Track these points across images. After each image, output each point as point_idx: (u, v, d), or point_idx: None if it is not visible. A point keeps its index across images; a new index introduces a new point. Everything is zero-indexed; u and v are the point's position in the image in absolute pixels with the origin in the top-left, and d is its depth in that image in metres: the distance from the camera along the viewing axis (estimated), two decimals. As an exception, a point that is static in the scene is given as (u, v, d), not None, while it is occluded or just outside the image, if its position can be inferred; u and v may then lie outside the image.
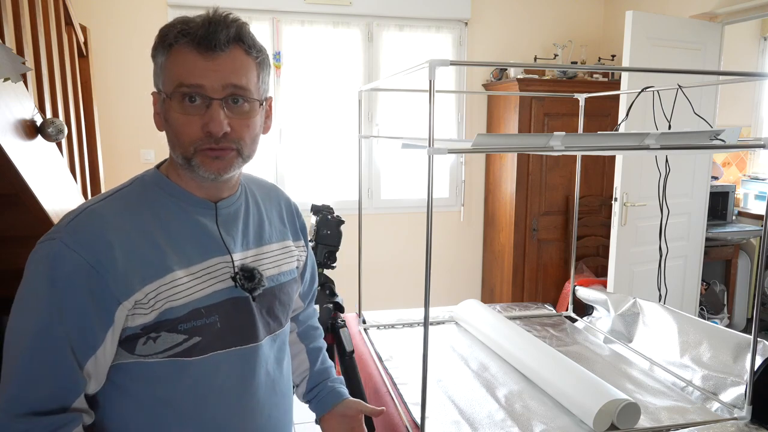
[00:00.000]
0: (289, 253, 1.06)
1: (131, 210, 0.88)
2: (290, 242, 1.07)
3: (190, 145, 0.86)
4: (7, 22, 1.42)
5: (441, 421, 1.31)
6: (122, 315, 0.82)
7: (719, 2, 3.05)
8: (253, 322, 0.95)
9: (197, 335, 0.87)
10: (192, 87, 0.84)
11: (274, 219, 1.06)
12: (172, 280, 0.86)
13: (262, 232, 1.01)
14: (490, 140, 1.10)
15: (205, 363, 0.89)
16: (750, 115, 4.27)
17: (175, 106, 0.85)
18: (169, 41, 0.85)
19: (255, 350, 0.96)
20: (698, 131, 1.23)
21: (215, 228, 0.93)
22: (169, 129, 0.87)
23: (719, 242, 3.69)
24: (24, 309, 0.82)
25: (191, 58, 0.84)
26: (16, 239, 1.64)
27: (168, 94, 0.85)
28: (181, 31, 0.84)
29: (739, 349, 1.46)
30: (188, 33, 0.84)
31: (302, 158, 3.61)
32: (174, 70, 0.85)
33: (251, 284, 0.94)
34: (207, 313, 0.88)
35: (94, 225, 0.84)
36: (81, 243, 0.81)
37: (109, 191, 0.91)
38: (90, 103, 2.48)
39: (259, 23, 3.42)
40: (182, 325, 0.86)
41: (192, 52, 0.84)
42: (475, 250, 4.03)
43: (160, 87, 0.88)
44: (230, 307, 0.92)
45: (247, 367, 0.95)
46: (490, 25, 3.79)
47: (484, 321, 1.78)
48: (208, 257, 0.91)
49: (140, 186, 0.92)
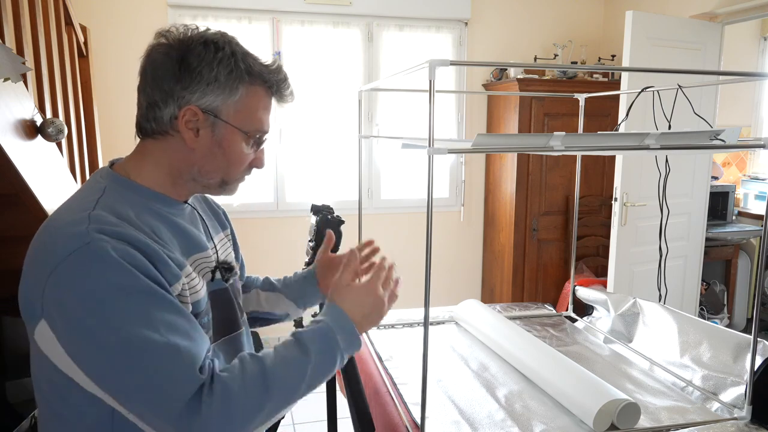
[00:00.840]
0: (229, 240, 1.11)
1: (122, 215, 0.84)
2: (225, 231, 1.12)
3: (239, 174, 0.95)
4: (7, 22, 1.43)
5: (441, 421, 1.31)
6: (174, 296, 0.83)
7: (719, 2, 3.05)
8: (234, 310, 1.02)
9: (206, 328, 0.91)
10: (266, 134, 0.95)
11: (208, 211, 1.10)
12: (188, 273, 0.88)
13: (212, 224, 1.06)
14: (490, 140, 1.10)
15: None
16: (750, 115, 4.27)
17: (247, 143, 0.92)
18: (269, 84, 0.92)
19: (239, 337, 1.02)
20: (698, 131, 1.23)
21: (189, 225, 0.95)
22: (223, 155, 0.91)
23: (719, 242, 3.69)
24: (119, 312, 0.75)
25: (270, 105, 0.94)
26: (16, 239, 1.64)
27: (246, 132, 0.91)
28: (283, 80, 0.93)
29: (739, 349, 1.46)
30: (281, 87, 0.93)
31: (302, 158, 3.61)
32: (257, 111, 0.92)
33: (229, 275, 1.00)
34: (207, 309, 0.93)
35: (113, 222, 0.80)
36: (119, 236, 0.78)
37: (88, 200, 0.84)
38: (90, 103, 2.48)
39: (259, 23, 3.42)
40: (201, 319, 0.90)
41: (270, 99, 0.94)
42: (475, 250, 4.03)
43: (224, 116, 0.89)
44: (217, 300, 0.96)
45: (236, 353, 0.96)
46: (490, 25, 3.79)
47: (484, 321, 1.78)
48: (193, 253, 0.93)
49: (114, 193, 0.87)
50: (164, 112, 0.87)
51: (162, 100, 0.87)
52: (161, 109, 0.87)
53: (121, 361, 0.75)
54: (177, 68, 0.85)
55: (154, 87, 0.87)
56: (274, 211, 3.62)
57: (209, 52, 0.86)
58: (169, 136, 0.89)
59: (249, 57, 0.90)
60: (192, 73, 0.85)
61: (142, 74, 0.90)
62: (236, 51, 0.88)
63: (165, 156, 0.91)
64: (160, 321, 0.76)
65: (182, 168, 0.91)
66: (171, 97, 0.86)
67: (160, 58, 0.87)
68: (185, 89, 0.86)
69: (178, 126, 0.87)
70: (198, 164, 0.90)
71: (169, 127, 0.88)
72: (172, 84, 0.86)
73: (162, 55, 0.87)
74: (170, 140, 0.89)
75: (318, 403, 1.52)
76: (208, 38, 0.88)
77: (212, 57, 0.86)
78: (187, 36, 0.88)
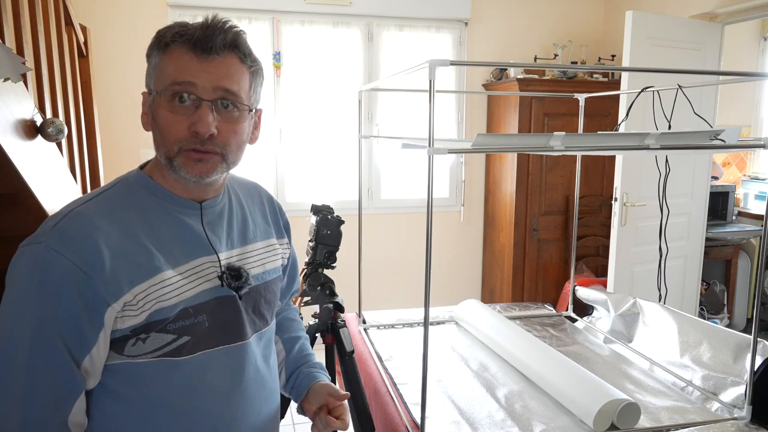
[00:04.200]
0: (273, 252, 1.07)
1: (117, 211, 0.87)
2: (274, 240, 1.08)
3: (174, 144, 0.86)
4: (7, 22, 1.42)
5: (441, 421, 1.31)
6: (111, 317, 0.82)
7: (719, 2, 3.05)
8: (240, 320, 0.96)
9: (186, 335, 0.88)
10: (183, 85, 0.84)
11: (258, 218, 1.07)
12: (161, 280, 0.86)
13: (246, 231, 1.02)
14: (490, 140, 1.10)
15: (194, 362, 0.90)
16: (750, 115, 4.27)
17: (164, 103, 0.86)
18: (166, 41, 0.86)
19: (243, 348, 0.97)
20: (698, 131, 1.23)
21: (201, 228, 0.94)
22: (156, 128, 0.88)
23: (719, 242, 3.69)
24: (12, 315, 0.80)
25: (186, 58, 0.85)
26: (16, 239, 1.63)
27: (158, 92, 0.86)
28: (178, 32, 0.85)
29: (739, 349, 1.46)
30: (185, 34, 0.85)
31: (302, 158, 3.61)
32: (167, 69, 0.86)
33: (238, 283, 0.95)
34: (195, 313, 0.89)
35: (80, 227, 0.83)
36: (68, 246, 0.80)
37: (93, 192, 0.90)
38: (90, 103, 2.48)
39: (259, 23, 3.42)
40: (171, 325, 0.86)
41: (188, 52, 0.85)
42: (475, 250, 4.03)
43: (150, 86, 0.89)
44: (217, 307, 0.93)
45: (236, 365, 0.96)
46: (490, 25, 3.79)
47: (484, 321, 1.78)
48: (195, 257, 0.92)
49: (125, 187, 0.91)
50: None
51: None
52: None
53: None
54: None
55: None
56: (274, 211, 3.63)
57: (153, 38, 0.89)
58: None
59: (171, 27, 0.87)
60: (147, 62, 0.90)
61: None
62: (161, 29, 0.88)
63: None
64: (30, 354, 0.79)
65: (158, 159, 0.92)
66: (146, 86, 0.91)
67: None
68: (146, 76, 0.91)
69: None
70: (154, 148, 0.91)
71: None
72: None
73: None
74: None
75: (318, 403, 1.52)
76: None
77: (153, 42, 0.89)
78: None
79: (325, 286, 1.69)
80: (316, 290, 1.63)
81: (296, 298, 1.59)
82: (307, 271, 1.63)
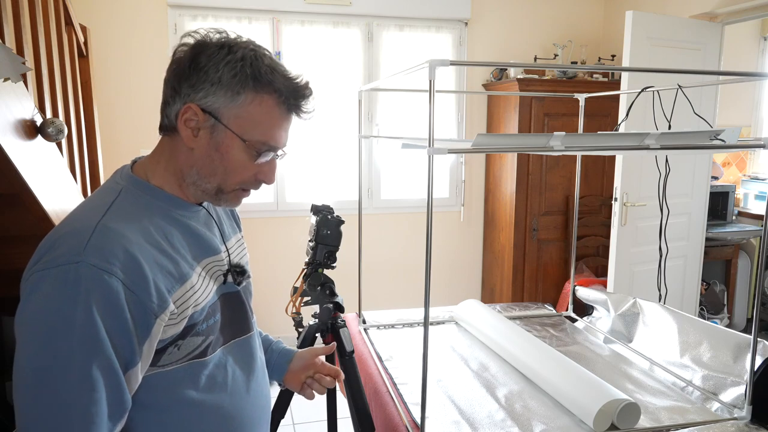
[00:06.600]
0: (242, 245, 1.11)
1: (135, 221, 0.85)
2: (240, 234, 1.13)
3: (237, 184, 0.91)
4: (7, 22, 1.42)
5: (441, 421, 1.31)
6: (158, 329, 0.82)
7: (719, 2, 3.05)
8: (245, 313, 1.03)
9: (211, 334, 0.92)
10: (274, 149, 0.90)
11: (222, 214, 1.10)
12: (191, 286, 0.88)
13: (224, 228, 1.06)
14: (490, 140, 1.10)
15: (215, 359, 0.93)
16: (750, 115, 4.27)
17: (247, 152, 0.89)
18: (263, 83, 0.86)
19: (251, 339, 1.03)
20: (698, 131, 1.23)
21: (203, 229, 0.96)
22: (220, 161, 0.89)
23: (719, 242, 3.69)
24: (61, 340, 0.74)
25: (277, 114, 0.88)
26: (16, 239, 1.64)
27: (244, 140, 0.87)
28: (278, 89, 0.87)
29: (739, 349, 1.46)
30: (283, 92, 0.87)
31: (302, 158, 3.61)
32: (258, 117, 0.87)
33: (241, 278, 1.00)
34: (213, 312, 0.93)
35: (115, 242, 0.79)
36: (110, 262, 0.77)
37: (100, 202, 0.86)
38: (90, 103, 2.48)
39: (259, 23, 3.42)
40: (200, 327, 0.89)
41: (280, 107, 0.88)
42: (475, 250, 4.03)
43: (224, 119, 0.86)
44: (226, 303, 0.97)
45: (248, 355, 1.01)
46: (490, 25, 3.79)
47: (484, 321, 1.78)
48: (204, 257, 0.94)
49: (131, 196, 0.89)
50: (172, 108, 0.88)
51: (171, 96, 0.88)
52: (170, 105, 0.89)
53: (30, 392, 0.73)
54: (188, 66, 0.86)
55: (169, 83, 0.89)
56: (274, 211, 3.63)
57: (220, 54, 0.85)
58: (176, 134, 0.89)
59: (263, 65, 0.86)
60: (199, 72, 0.85)
61: (166, 70, 0.91)
62: (247, 56, 0.86)
63: (173, 155, 0.91)
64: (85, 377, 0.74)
65: (184, 169, 0.91)
66: (178, 93, 0.87)
67: (179, 55, 0.88)
68: (191, 87, 0.86)
69: (178, 123, 0.88)
70: (196, 166, 0.90)
71: (176, 124, 0.89)
72: (181, 81, 0.87)
73: (181, 53, 0.88)
74: (176, 138, 0.90)
75: (318, 403, 1.52)
76: (227, 42, 0.87)
77: (221, 58, 0.85)
78: (209, 38, 0.88)
79: (325, 286, 1.68)
80: (316, 290, 1.62)
81: (296, 297, 1.59)
82: (307, 271, 1.63)
